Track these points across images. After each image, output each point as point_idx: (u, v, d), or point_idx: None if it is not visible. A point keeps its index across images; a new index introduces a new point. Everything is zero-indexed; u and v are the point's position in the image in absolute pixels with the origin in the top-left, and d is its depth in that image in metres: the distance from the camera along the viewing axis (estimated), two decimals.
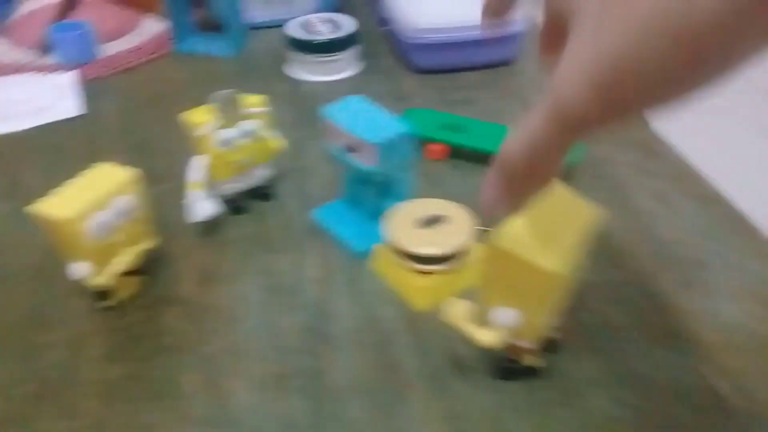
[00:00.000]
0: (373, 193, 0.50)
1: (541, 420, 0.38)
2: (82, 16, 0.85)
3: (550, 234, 0.34)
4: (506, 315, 0.35)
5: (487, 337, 0.36)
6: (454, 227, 0.45)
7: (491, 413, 0.38)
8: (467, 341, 0.37)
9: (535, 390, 0.40)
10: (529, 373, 0.40)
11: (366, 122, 0.47)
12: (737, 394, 0.39)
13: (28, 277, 0.47)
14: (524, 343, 0.37)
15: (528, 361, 0.39)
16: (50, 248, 0.48)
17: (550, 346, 0.41)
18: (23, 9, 0.90)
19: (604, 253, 0.49)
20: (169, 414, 0.38)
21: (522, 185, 0.29)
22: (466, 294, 0.39)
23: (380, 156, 0.45)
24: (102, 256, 0.43)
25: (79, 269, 0.42)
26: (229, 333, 0.43)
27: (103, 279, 0.43)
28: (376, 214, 0.50)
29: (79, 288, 0.45)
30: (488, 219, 0.32)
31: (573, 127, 0.26)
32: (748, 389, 0.40)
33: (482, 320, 0.37)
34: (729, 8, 0.21)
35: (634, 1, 0.22)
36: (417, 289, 0.45)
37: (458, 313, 0.37)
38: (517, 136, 0.28)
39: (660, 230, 0.52)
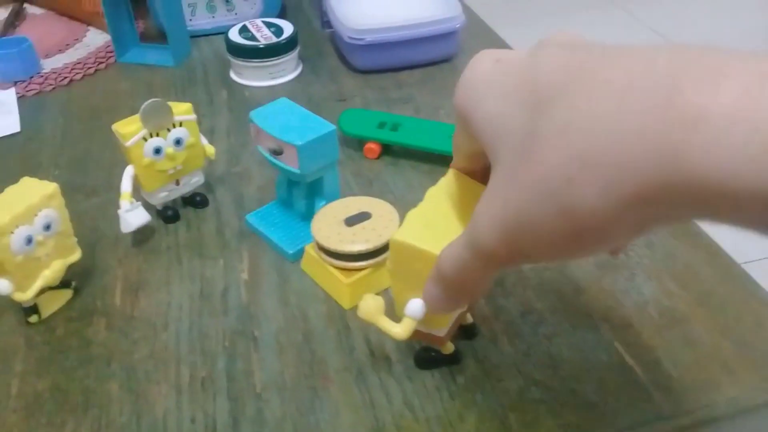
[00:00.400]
0: (302, 194, 0.50)
1: (457, 404, 0.39)
2: (26, 31, 0.85)
3: (451, 223, 0.35)
4: (414, 306, 0.36)
5: (399, 329, 0.36)
6: (379, 223, 0.46)
7: (409, 400, 0.39)
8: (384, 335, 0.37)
9: (452, 375, 0.40)
10: (450, 360, 0.41)
11: (289, 124, 0.47)
12: (645, 369, 0.40)
13: None
14: (437, 332, 0.38)
15: (446, 349, 0.40)
16: None
17: (466, 333, 0.42)
18: None
19: None
20: (94, 423, 0.39)
21: (456, 295, 0.33)
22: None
23: (301, 157, 0.46)
24: (27, 270, 0.43)
25: (3, 285, 0.42)
26: (155, 340, 0.44)
27: (28, 294, 0.43)
28: (306, 216, 0.51)
29: (9, 304, 0.46)
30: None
31: (489, 261, 0.29)
32: (656, 363, 0.41)
33: (396, 314, 0.37)
34: (604, 207, 0.22)
35: (533, 164, 0.24)
36: (344, 286, 0.45)
37: (372, 308, 0.37)
38: (449, 254, 0.31)
39: None
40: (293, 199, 0.52)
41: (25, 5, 0.94)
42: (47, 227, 0.43)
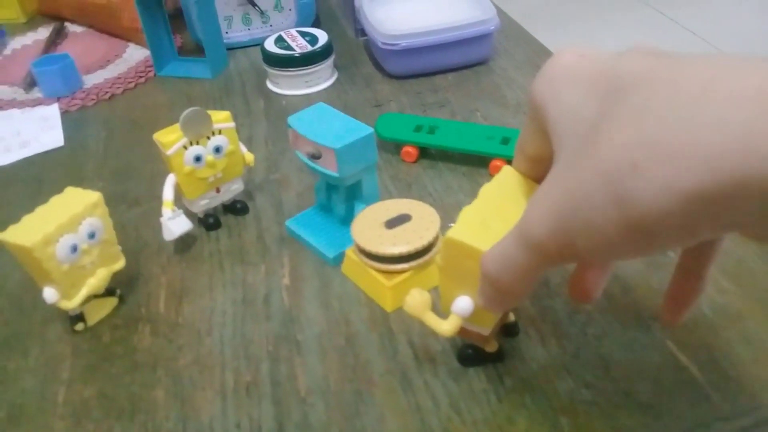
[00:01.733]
0: (341, 198, 0.50)
1: (506, 407, 0.38)
2: (67, 48, 0.87)
3: (505, 220, 0.34)
4: (461, 303, 0.35)
5: (445, 325, 0.36)
6: (420, 225, 0.46)
7: (456, 404, 0.38)
8: (430, 332, 0.37)
9: (499, 378, 0.39)
10: (495, 358, 0.40)
11: (327, 128, 0.47)
12: (700, 368, 0.39)
13: (5, 306, 0.48)
14: (482, 330, 0.38)
15: (490, 347, 0.40)
16: (28, 277, 0.49)
17: (508, 330, 0.42)
18: (11, 47, 0.92)
19: None
20: (141, 429, 0.39)
21: (506, 295, 0.32)
22: (435, 290, 0.39)
23: (340, 160, 0.46)
24: (72, 279, 0.43)
25: (50, 294, 0.43)
26: (200, 346, 0.44)
27: (74, 302, 0.44)
28: (346, 220, 0.50)
29: (56, 313, 0.46)
30: None
31: (537, 256, 0.28)
32: (712, 362, 0.39)
33: (442, 311, 0.37)
34: (663, 200, 0.21)
35: (599, 146, 0.24)
36: (386, 289, 0.45)
37: (419, 303, 0.37)
38: (495, 254, 0.30)
39: None
40: (332, 203, 0.52)
41: (66, 24, 0.96)
42: (91, 235, 0.44)
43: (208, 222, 0.53)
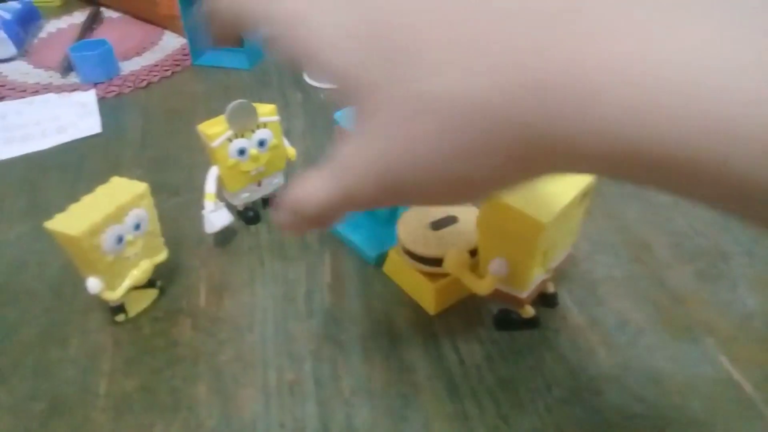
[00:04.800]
0: None
1: (555, 417, 0.37)
2: (104, 34, 0.87)
3: (547, 187, 0.36)
4: (497, 264, 0.38)
5: (481, 284, 0.39)
6: (466, 228, 0.45)
7: (503, 412, 0.37)
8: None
9: (547, 387, 0.39)
10: (530, 324, 0.42)
11: None
12: (755, 385, 0.38)
13: (46, 294, 0.48)
14: (518, 293, 0.39)
15: (525, 312, 0.41)
16: (68, 265, 0.49)
17: (546, 300, 0.43)
18: (46, 30, 0.92)
19: (622, 247, 0.48)
20: (183, 425, 0.38)
21: (308, 225, 0.30)
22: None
23: None
24: (116, 270, 0.43)
25: (94, 284, 0.42)
26: (241, 342, 0.43)
27: (117, 293, 0.43)
28: (388, 219, 0.50)
29: (96, 303, 0.46)
30: None
31: (357, 205, 0.27)
32: (765, 380, 0.38)
33: (480, 272, 0.40)
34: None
35: (412, 122, 0.22)
36: (430, 291, 0.44)
37: (457, 261, 0.39)
38: (306, 191, 0.28)
39: (678, 222, 0.50)
40: None
41: (102, 9, 0.96)
42: (137, 227, 0.43)
43: (248, 215, 0.53)
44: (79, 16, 0.95)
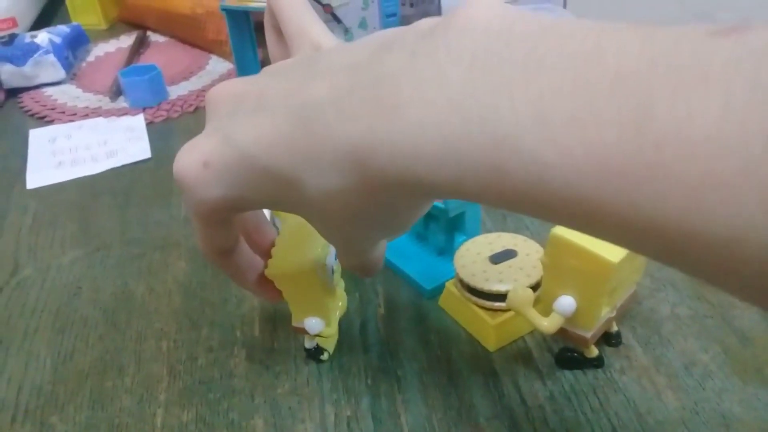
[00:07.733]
0: (441, 228, 0.49)
1: None
2: (151, 59, 0.88)
3: None
4: (564, 302, 0.37)
5: (547, 323, 0.38)
6: (526, 263, 0.44)
7: None
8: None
9: (614, 431, 0.38)
10: (593, 364, 0.41)
11: None
12: None
13: (100, 321, 0.48)
14: (583, 332, 0.38)
15: (589, 352, 0.40)
16: (122, 292, 0.49)
17: (609, 340, 0.42)
18: (94, 54, 0.94)
19: (685, 284, 0.47)
20: None
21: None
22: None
23: None
24: (332, 303, 0.42)
25: (317, 324, 0.40)
26: (297, 374, 0.43)
27: (333, 328, 0.42)
28: (443, 251, 0.49)
29: (150, 332, 0.46)
30: None
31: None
32: None
33: (544, 310, 0.39)
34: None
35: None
36: (489, 327, 0.43)
37: (522, 298, 0.38)
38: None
39: None
40: (429, 233, 0.50)
41: (149, 33, 0.97)
42: (334, 255, 0.41)
43: None
44: (126, 40, 0.96)
